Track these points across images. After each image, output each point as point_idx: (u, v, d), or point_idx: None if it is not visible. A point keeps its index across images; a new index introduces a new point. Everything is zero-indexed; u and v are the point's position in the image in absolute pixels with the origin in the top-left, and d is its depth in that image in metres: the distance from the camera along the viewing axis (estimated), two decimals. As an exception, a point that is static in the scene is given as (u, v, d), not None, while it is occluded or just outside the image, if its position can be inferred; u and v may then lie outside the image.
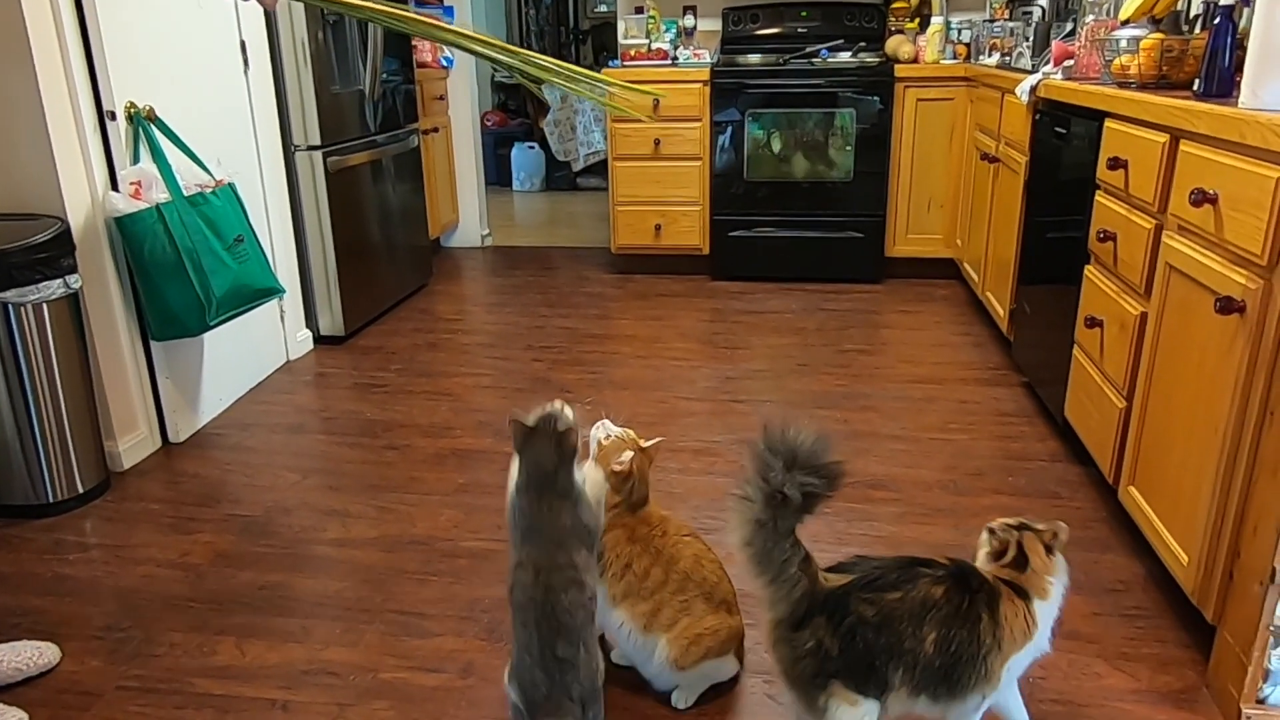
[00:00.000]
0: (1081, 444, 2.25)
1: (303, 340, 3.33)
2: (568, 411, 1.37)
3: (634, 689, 1.59)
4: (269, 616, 1.82)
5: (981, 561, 1.40)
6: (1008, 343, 3.13)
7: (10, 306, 2.05)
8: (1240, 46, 1.73)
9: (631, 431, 1.60)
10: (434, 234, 4.55)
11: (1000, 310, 3.13)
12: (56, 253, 2.11)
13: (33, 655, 1.64)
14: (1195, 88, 1.88)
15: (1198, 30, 2.26)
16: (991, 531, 1.40)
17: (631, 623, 1.51)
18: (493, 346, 3.40)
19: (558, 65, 1.57)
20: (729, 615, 1.53)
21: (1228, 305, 1.47)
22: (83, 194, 2.27)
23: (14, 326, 2.07)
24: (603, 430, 1.58)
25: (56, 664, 1.67)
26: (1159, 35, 2.11)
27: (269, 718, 1.55)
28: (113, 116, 2.31)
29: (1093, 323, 2.14)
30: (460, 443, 2.58)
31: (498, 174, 6.92)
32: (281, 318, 3.19)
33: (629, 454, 1.54)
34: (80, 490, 2.25)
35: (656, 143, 4.08)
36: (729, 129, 4.02)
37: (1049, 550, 1.39)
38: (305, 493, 2.31)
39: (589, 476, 1.44)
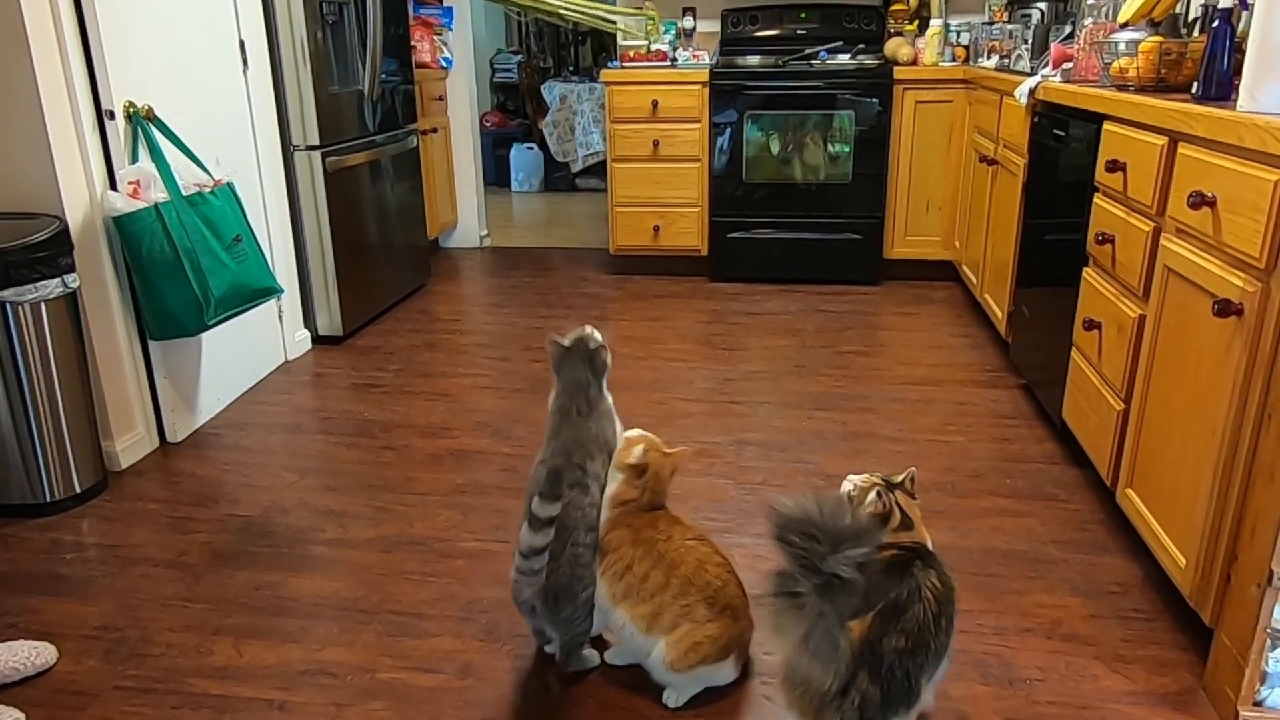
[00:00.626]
0: (1079, 446, 2.26)
1: (301, 340, 3.33)
2: (597, 335, 1.59)
3: (634, 689, 1.59)
4: (266, 617, 1.82)
5: None
6: (1006, 345, 3.14)
7: (8, 305, 2.05)
8: (1238, 49, 1.74)
9: (654, 437, 1.61)
10: (432, 234, 4.55)
11: (998, 312, 3.13)
12: (55, 252, 2.11)
13: (30, 655, 1.64)
14: (1194, 90, 1.88)
15: (1196, 33, 2.27)
16: (879, 496, 1.41)
17: (632, 624, 1.53)
18: (491, 347, 3.40)
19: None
20: (733, 621, 1.53)
21: (1226, 308, 1.47)
22: (81, 193, 2.27)
23: (12, 326, 2.07)
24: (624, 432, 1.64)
25: (54, 664, 1.67)
26: (1157, 38, 2.11)
27: (266, 718, 1.55)
28: (111, 116, 2.31)
29: (1091, 325, 2.14)
30: (458, 443, 2.58)
31: (496, 175, 6.91)
32: (280, 318, 3.18)
33: (641, 448, 1.56)
34: (78, 490, 2.24)
35: (655, 144, 4.08)
36: (728, 130, 4.02)
37: (912, 497, 1.44)
38: (303, 493, 2.31)
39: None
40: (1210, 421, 1.55)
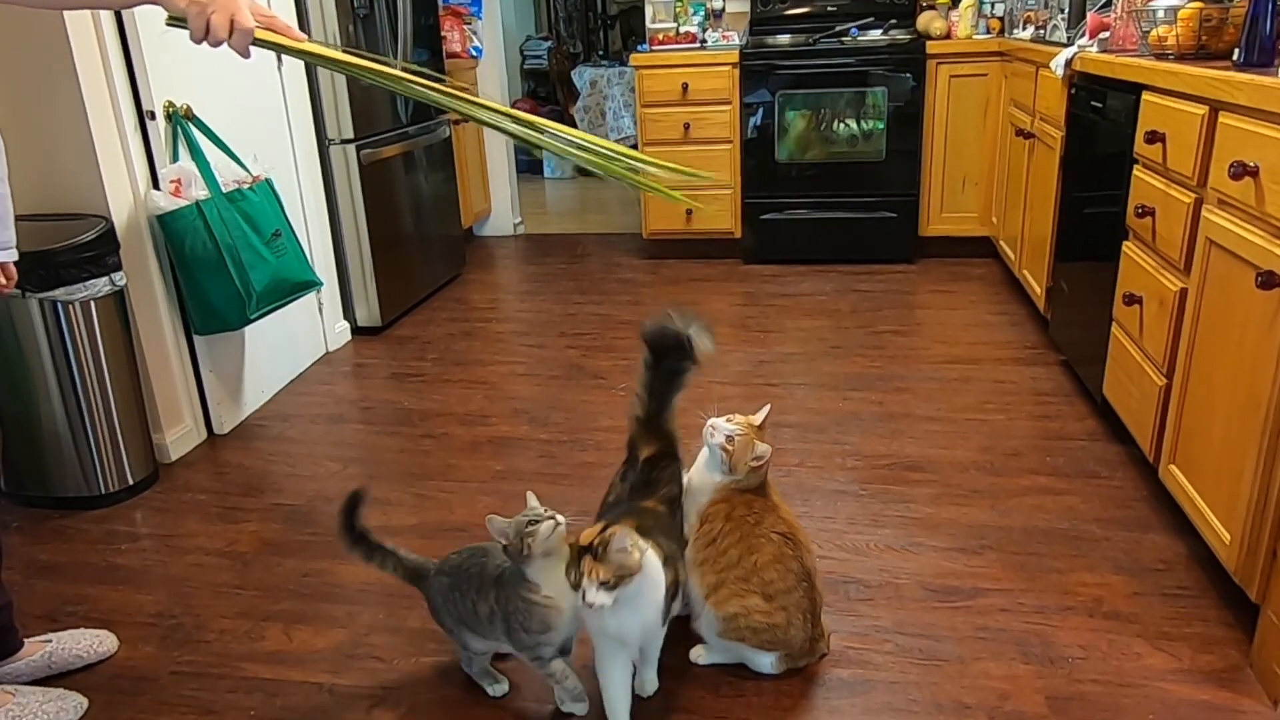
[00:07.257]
0: (1121, 423, 2.23)
1: (341, 332, 3.38)
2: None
3: (678, 675, 1.61)
4: (314, 603, 1.86)
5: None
6: (1045, 321, 3.09)
7: (59, 304, 2.11)
8: (1281, 14, 1.69)
9: (742, 417, 1.57)
10: (467, 223, 4.58)
11: (1037, 288, 3.09)
12: (102, 251, 2.16)
13: (92, 643, 1.70)
14: (1235, 57, 1.84)
15: (1238, -2, 2.21)
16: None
17: (698, 589, 1.58)
18: (527, 334, 3.43)
19: (586, 140, 1.43)
20: (786, 625, 1.54)
21: (1269, 280, 1.44)
22: (125, 193, 2.32)
23: (63, 324, 2.13)
24: (720, 434, 1.55)
25: (115, 653, 1.73)
26: (1197, 4, 2.06)
27: (317, 700, 1.59)
28: (152, 116, 2.35)
29: (1131, 300, 2.11)
30: (496, 430, 2.61)
31: (529, 162, 6.94)
32: (320, 310, 3.24)
33: (765, 448, 1.53)
34: (130, 482, 2.31)
35: (686, 127, 4.07)
36: (759, 111, 4.00)
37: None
38: (346, 482, 2.36)
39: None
40: (1254, 395, 1.52)
